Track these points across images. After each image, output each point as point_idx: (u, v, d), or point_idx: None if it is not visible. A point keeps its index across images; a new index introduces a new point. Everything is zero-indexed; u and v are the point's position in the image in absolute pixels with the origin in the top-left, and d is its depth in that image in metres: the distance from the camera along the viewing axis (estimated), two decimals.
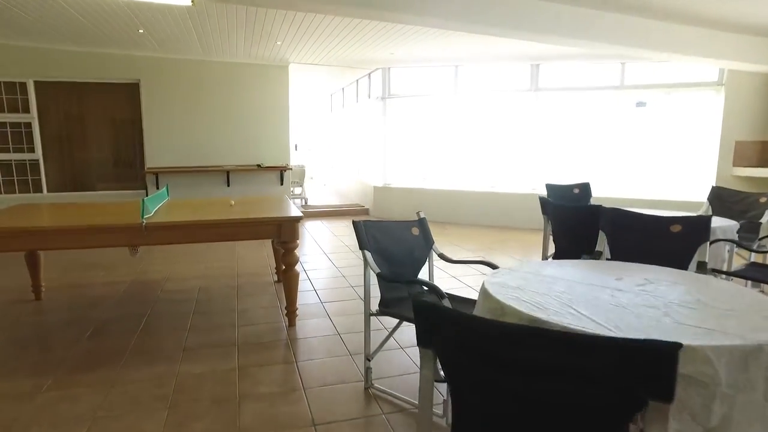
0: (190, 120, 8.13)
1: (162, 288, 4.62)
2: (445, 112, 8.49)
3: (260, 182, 8.61)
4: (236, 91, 8.31)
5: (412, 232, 3.02)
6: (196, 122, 8.17)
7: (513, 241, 6.88)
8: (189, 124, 8.13)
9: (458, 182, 8.51)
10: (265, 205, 4.17)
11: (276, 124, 8.58)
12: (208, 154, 8.30)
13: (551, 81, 7.68)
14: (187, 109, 8.09)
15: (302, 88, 12.52)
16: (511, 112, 8.02)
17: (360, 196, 10.01)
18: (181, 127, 8.09)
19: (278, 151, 8.65)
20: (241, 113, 8.39)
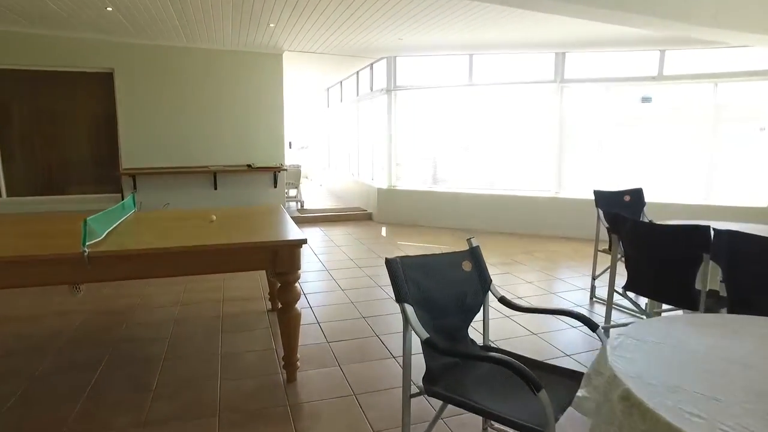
0: (171, 115, 7.21)
1: (127, 321, 3.73)
2: (457, 106, 7.63)
3: (251, 185, 7.71)
4: (224, 82, 7.40)
5: (462, 268, 2.14)
6: (179, 118, 7.25)
7: (540, 253, 6.04)
8: (171, 119, 7.21)
9: (473, 184, 7.66)
10: (256, 221, 3.28)
11: (269, 119, 7.68)
12: (192, 154, 7.38)
13: (578, 71, 6.84)
14: (168, 103, 7.17)
15: (297, 81, 11.61)
16: (532, 106, 7.18)
17: (361, 198, 9.14)
18: (162, 123, 7.17)
19: (271, 149, 7.75)
20: (229, 108, 7.48)
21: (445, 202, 7.66)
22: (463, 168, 7.77)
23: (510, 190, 7.39)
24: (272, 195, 7.83)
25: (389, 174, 8.11)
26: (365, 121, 9.24)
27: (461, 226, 7.60)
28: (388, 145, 8.02)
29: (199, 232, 2.80)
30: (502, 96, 7.29)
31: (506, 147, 7.38)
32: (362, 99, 9.39)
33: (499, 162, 7.46)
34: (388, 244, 6.51)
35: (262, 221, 3.24)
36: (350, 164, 10.79)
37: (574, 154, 7.05)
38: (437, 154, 7.89)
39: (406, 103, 7.92)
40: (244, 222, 3.21)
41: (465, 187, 7.70)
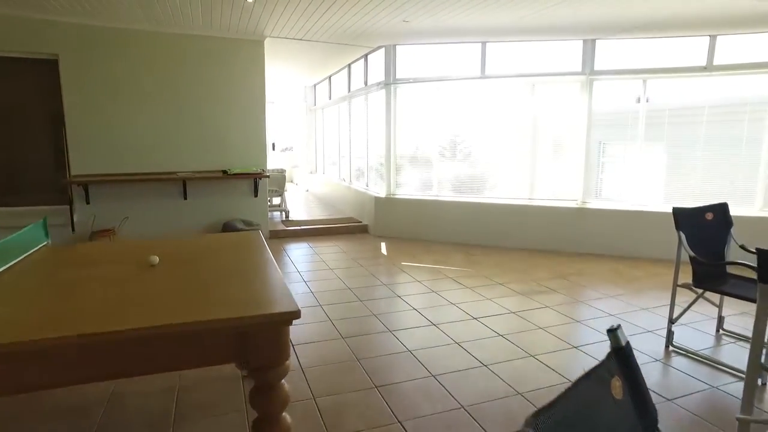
0: (131, 112, 6.07)
1: (39, 402, 2.61)
2: (468, 102, 6.61)
3: (228, 193, 6.59)
4: (195, 73, 6.28)
5: (612, 394, 1.08)
6: (141, 115, 6.11)
7: (575, 276, 5.04)
8: (130, 117, 6.07)
9: (486, 193, 6.65)
10: (219, 268, 2.21)
11: (248, 117, 6.58)
12: (156, 158, 6.24)
13: (609, 62, 5.86)
14: (127, 98, 6.03)
15: (281, 76, 10.49)
16: (556, 103, 6.19)
17: (355, 208, 8.06)
18: (120, 122, 6.03)
19: (251, 152, 6.65)
20: (201, 103, 6.36)
21: (454, 214, 6.63)
22: (474, 174, 6.76)
23: (529, 200, 6.39)
24: (252, 205, 6.72)
25: (388, 181, 7.06)
26: (358, 120, 8.18)
27: (472, 240, 6.58)
28: (387, 147, 6.97)
29: (120, 294, 1.71)
30: (520, 91, 6.29)
31: (523, 149, 6.38)
32: (355, 95, 8.33)
33: (515, 167, 6.46)
34: (391, 266, 5.45)
35: (229, 269, 2.16)
36: (341, 169, 9.70)
37: (605, 159, 6.08)
38: (444, 158, 6.86)
39: (407, 99, 6.88)
40: (200, 268, 2.13)
41: (476, 195, 6.69)
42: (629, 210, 5.87)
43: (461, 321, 3.81)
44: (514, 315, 3.95)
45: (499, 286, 4.73)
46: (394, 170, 7.04)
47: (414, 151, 7.05)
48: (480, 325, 3.74)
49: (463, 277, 5.03)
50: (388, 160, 7.00)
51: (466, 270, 5.29)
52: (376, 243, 6.65)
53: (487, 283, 4.82)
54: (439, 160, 6.85)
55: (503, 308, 4.11)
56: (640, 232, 5.82)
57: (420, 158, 7.01)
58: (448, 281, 4.87)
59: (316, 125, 11.84)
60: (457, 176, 6.86)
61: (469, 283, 4.82)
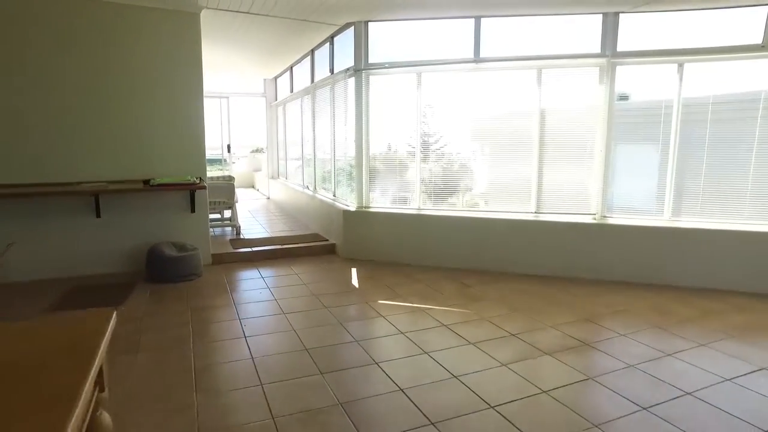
0: (21, 104, 4.59)
1: None
2: (459, 93, 5.34)
3: (156, 209, 5.16)
4: (108, 53, 4.83)
5: None
6: (35, 109, 4.63)
7: (612, 319, 3.82)
8: (19, 111, 4.58)
9: (482, 204, 5.39)
10: None
11: (181, 112, 5.15)
12: (58, 165, 4.78)
13: (636, 41, 4.68)
14: (17, 84, 4.54)
15: (233, 66, 9.04)
16: (567, 93, 4.97)
17: (321, 221, 6.70)
18: (6, 116, 4.54)
19: (185, 157, 5.23)
20: (117, 93, 4.91)
21: (443, 232, 5.35)
22: (468, 182, 5.49)
23: (535, 214, 5.16)
24: (189, 224, 5.30)
25: (360, 189, 5.72)
26: (323, 115, 6.82)
27: (466, 264, 5.31)
28: (359, 148, 5.64)
29: None
30: (523, 79, 5.05)
31: (527, 152, 5.14)
32: (319, 86, 6.97)
33: (517, 174, 5.21)
34: (365, 307, 4.13)
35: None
36: (304, 174, 8.32)
37: (630, 163, 4.90)
38: (430, 162, 5.57)
39: (382, 90, 5.56)
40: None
41: (470, 209, 5.42)
42: (661, 227, 4.70)
43: (474, 413, 2.51)
44: (547, 397, 2.68)
45: (513, 339, 3.46)
46: (368, 176, 5.71)
47: (391, 153, 5.74)
48: (501, 419, 2.45)
49: (462, 323, 3.74)
50: (360, 164, 5.66)
51: (463, 312, 4.00)
52: (345, 269, 5.31)
53: (494, 334, 3.54)
54: (424, 165, 5.55)
55: (528, 382, 2.83)
56: (676, 254, 4.65)
57: (400, 162, 5.70)
58: (442, 332, 3.58)
59: (278, 123, 10.42)
60: (446, 185, 5.58)
61: (471, 334, 3.53)
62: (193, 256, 4.90)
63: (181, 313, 3.97)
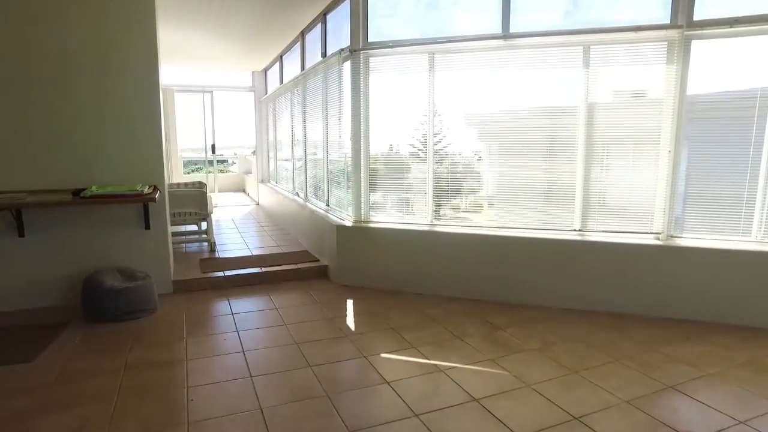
0: None
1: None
2: (483, 78, 4.23)
3: (99, 226, 4.07)
4: (30, 32, 3.75)
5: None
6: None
7: (696, 386, 2.71)
8: None
9: (511, 219, 4.28)
10: None
11: (131, 105, 4.06)
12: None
13: (718, 7, 3.57)
14: None
15: (214, 53, 7.97)
16: (622, 76, 3.87)
17: (311, 237, 5.60)
18: None
19: (138, 160, 4.14)
20: (45, 81, 3.83)
21: (461, 253, 4.25)
22: (493, 190, 4.38)
23: (579, 232, 4.05)
24: (143, 244, 4.21)
25: (358, 199, 4.62)
26: (315, 110, 5.73)
27: (491, 294, 4.21)
28: (356, 148, 4.54)
29: None
30: (566, 59, 3.94)
31: (568, 153, 4.03)
32: (311, 75, 5.87)
33: (556, 181, 4.10)
34: (362, 363, 3.03)
35: None
36: (295, 179, 7.23)
37: (707, 168, 3.79)
38: (444, 165, 4.46)
39: (386, 77, 4.46)
40: None
41: (496, 225, 4.31)
42: (749, 250, 3.60)
43: None
44: None
45: (578, 427, 2.35)
46: (367, 184, 4.61)
47: (396, 154, 4.64)
48: None
49: (500, 396, 2.64)
50: (357, 169, 4.57)
51: (498, 373, 2.90)
52: (338, 302, 4.22)
53: (549, 416, 2.44)
54: (437, 170, 4.45)
55: None
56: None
57: (407, 166, 4.60)
58: (473, 413, 2.48)
59: (267, 121, 9.32)
60: (464, 194, 4.48)
61: (516, 418, 2.43)
62: (143, 286, 3.80)
63: (111, 374, 2.88)
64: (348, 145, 4.70)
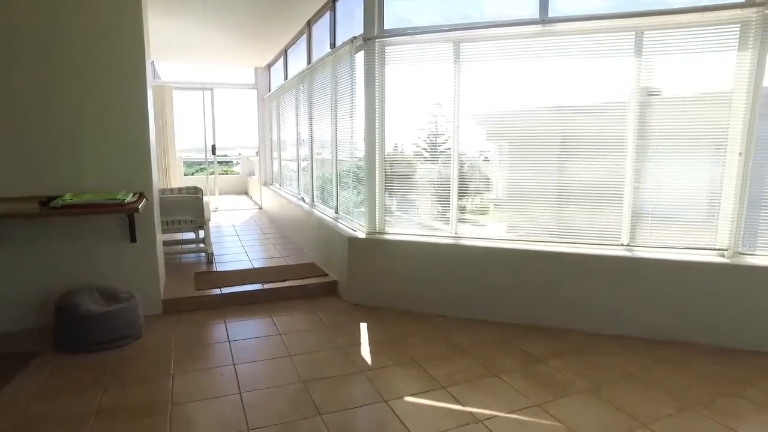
0: None
1: None
2: (514, 71, 3.68)
3: (78, 238, 3.56)
4: (3, 12, 3.25)
5: None
6: None
7: None
8: None
9: (548, 232, 3.73)
10: None
11: (115, 102, 3.55)
12: None
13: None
14: None
15: (216, 54, 7.47)
16: (681, 65, 3.32)
17: (318, 247, 5.08)
18: None
19: (123, 164, 3.62)
20: (15, 65, 3.33)
21: (494, 268, 3.71)
22: (530, 195, 3.83)
23: (628, 248, 3.51)
24: (129, 258, 3.70)
25: (372, 207, 4.09)
26: (323, 107, 5.21)
27: (527, 318, 3.67)
28: (371, 150, 4.01)
29: None
30: (615, 46, 3.39)
31: (616, 154, 3.48)
32: (317, 69, 5.36)
33: (601, 186, 3.55)
34: (384, 413, 2.50)
35: None
36: (300, 182, 6.72)
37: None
38: (469, 167, 3.92)
39: (404, 69, 3.93)
40: None
41: (532, 238, 3.76)
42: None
43: None
44: None
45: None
46: (382, 189, 4.08)
47: (416, 156, 4.11)
48: None
49: None
50: (372, 172, 4.04)
51: (546, 424, 2.36)
52: (351, 326, 3.69)
53: None
54: (462, 174, 3.91)
55: None
56: None
57: (428, 169, 4.06)
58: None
59: (271, 120, 8.81)
60: (493, 201, 3.94)
61: None
62: (126, 310, 3.29)
63: (78, 421, 2.36)
64: (360, 146, 4.17)
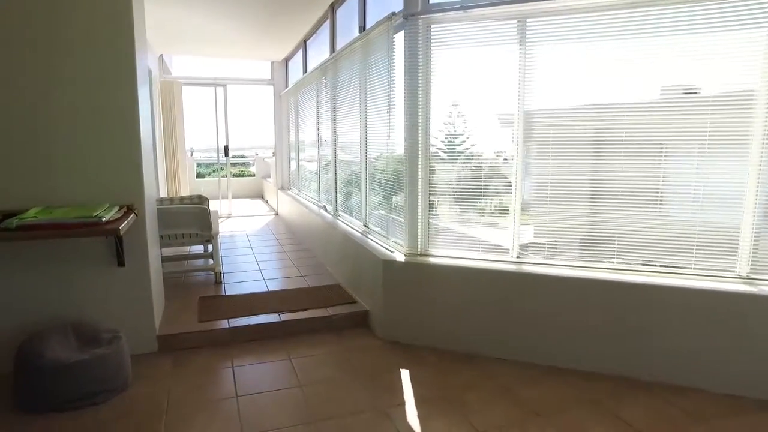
0: None
1: None
2: (596, 52, 2.88)
3: (51, 262, 2.87)
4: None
5: None
6: None
7: None
8: None
9: (638, 257, 2.92)
10: None
11: (97, 90, 2.85)
12: None
13: None
14: None
15: (230, 47, 6.80)
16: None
17: (345, 266, 4.33)
18: None
19: (107, 169, 2.92)
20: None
21: (570, 303, 2.93)
22: (618, 213, 3.02)
23: (747, 281, 2.69)
24: (116, 286, 3.01)
25: (414, 223, 3.33)
26: (349, 101, 4.46)
27: (618, 368, 2.87)
28: (413, 150, 3.26)
29: None
30: (732, 21, 2.58)
31: (733, 158, 2.67)
32: (343, 57, 4.62)
33: (713, 197, 2.74)
34: None
35: None
36: (321, 189, 6.00)
37: None
38: (537, 169, 3.13)
39: (455, 53, 3.16)
40: None
41: (625, 266, 2.96)
42: None
43: None
44: None
45: None
46: (426, 201, 3.32)
47: (469, 157, 3.33)
48: None
49: None
50: (414, 179, 3.28)
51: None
52: (389, 372, 2.94)
53: None
54: (527, 178, 3.12)
55: None
56: None
57: (485, 173, 3.29)
58: None
59: (288, 118, 8.11)
60: (568, 217, 3.14)
61: None
62: (107, 357, 2.58)
63: None
64: (398, 146, 3.42)
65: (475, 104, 3.19)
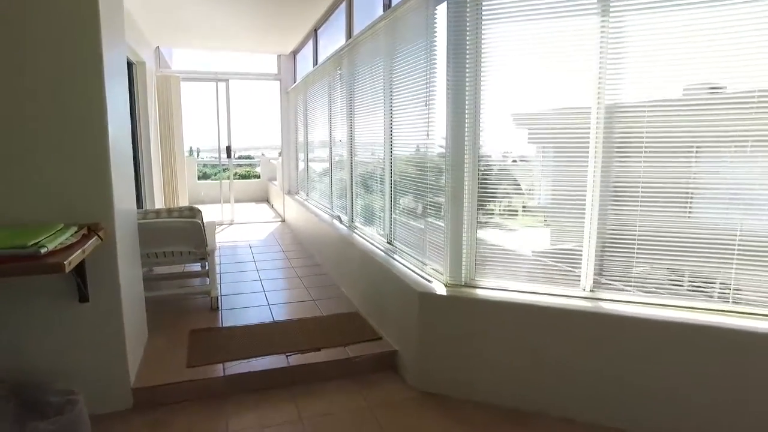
0: None
1: None
2: (709, 26, 2.17)
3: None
4: None
5: None
6: None
7: None
8: None
9: (743, 298, 2.21)
10: None
11: (56, 90, 2.17)
12: None
13: None
14: None
15: (233, 39, 6.14)
16: None
17: (362, 290, 3.63)
18: None
19: (65, 178, 2.24)
20: None
21: (655, 350, 2.22)
22: (723, 229, 2.31)
23: None
24: (73, 332, 2.32)
25: (458, 247, 2.63)
26: (371, 93, 3.77)
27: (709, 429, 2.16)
28: (458, 153, 2.56)
29: None
30: None
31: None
32: (363, 41, 3.93)
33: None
34: None
35: None
36: (333, 196, 5.31)
37: None
38: (616, 178, 2.42)
39: (513, 30, 2.46)
40: None
41: (729, 307, 2.25)
42: None
43: None
44: None
45: None
46: (474, 217, 2.61)
47: (522, 161, 2.63)
48: None
49: None
50: (458, 190, 2.59)
51: None
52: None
53: None
54: (606, 190, 2.42)
55: None
56: None
57: (543, 183, 2.58)
58: None
59: (296, 116, 7.44)
60: (664, 237, 2.41)
61: None
62: (75, 418, 1.89)
63: None
64: (436, 148, 2.73)
65: (537, 94, 2.49)
